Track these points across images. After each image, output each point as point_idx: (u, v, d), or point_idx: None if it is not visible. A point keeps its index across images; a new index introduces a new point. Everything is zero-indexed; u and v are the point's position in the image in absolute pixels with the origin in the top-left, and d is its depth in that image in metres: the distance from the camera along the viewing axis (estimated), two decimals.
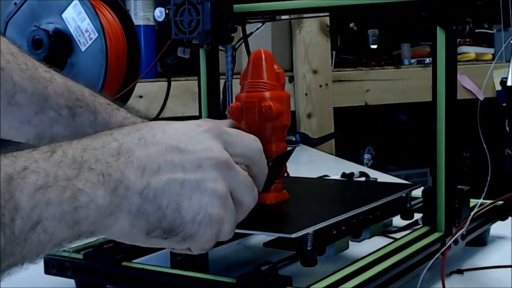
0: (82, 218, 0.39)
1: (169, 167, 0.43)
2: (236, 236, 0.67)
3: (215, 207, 0.44)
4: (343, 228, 0.57)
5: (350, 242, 0.60)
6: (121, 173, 0.41)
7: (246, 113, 0.58)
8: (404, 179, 1.45)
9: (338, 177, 0.82)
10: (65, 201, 0.38)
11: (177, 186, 0.43)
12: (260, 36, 1.03)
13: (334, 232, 0.56)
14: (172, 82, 1.63)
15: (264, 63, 0.58)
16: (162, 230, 0.43)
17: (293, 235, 0.50)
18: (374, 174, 0.99)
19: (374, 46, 1.96)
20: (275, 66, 0.59)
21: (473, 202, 0.67)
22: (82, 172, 0.40)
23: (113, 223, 0.41)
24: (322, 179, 0.81)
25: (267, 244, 0.56)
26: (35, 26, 1.16)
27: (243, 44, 0.82)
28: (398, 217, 0.69)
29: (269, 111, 0.57)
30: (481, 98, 0.83)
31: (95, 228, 0.41)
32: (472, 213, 0.64)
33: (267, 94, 0.57)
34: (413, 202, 0.70)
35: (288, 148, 0.58)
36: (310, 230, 0.52)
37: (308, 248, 0.52)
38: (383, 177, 1.12)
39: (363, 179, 0.82)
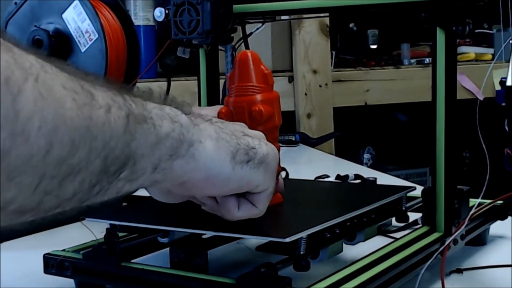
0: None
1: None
2: (231, 239, 0.67)
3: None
4: (337, 231, 0.56)
5: (345, 245, 0.60)
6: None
7: (236, 118, 0.56)
8: (404, 179, 1.45)
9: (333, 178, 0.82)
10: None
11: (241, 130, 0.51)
12: (260, 36, 1.03)
13: (328, 235, 0.55)
14: (172, 82, 1.63)
15: (251, 65, 0.57)
16: (243, 150, 0.48)
17: (287, 240, 0.49)
18: (374, 174, 0.99)
19: (374, 46, 1.96)
20: (262, 67, 0.57)
21: (472, 202, 0.67)
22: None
23: (199, 146, 0.45)
24: (316, 182, 0.81)
25: (259, 248, 0.55)
26: (35, 26, 1.15)
27: (243, 44, 0.82)
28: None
29: (259, 116, 0.56)
30: (481, 98, 0.83)
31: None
32: (470, 213, 0.64)
33: (256, 97, 0.56)
34: (412, 202, 0.70)
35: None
36: (304, 234, 0.51)
37: (301, 253, 0.52)
38: (382, 177, 1.12)
39: (358, 181, 0.81)
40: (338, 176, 0.82)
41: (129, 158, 0.39)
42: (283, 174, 0.74)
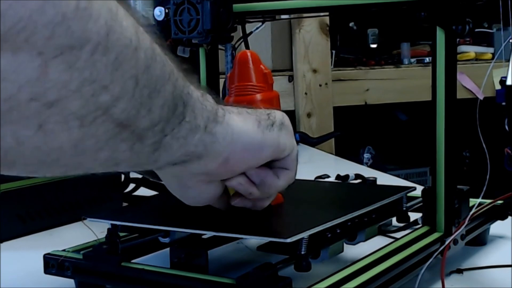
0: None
1: None
2: (231, 239, 0.67)
3: None
4: (338, 231, 0.56)
5: (345, 244, 0.60)
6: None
7: None
8: (404, 178, 1.45)
9: (333, 178, 0.82)
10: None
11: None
12: (260, 36, 1.03)
13: (329, 235, 0.55)
14: None
15: (250, 64, 0.57)
16: (265, 116, 0.49)
17: (288, 240, 0.49)
18: (374, 173, 0.98)
19: (374, 46, 1.96)
20: (262, 67, 0.58)
21: (472, 201, 0.67)
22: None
23: (230, 116, 0.47)
24: (317, 182, 0.81)
25: (260, 247, 0.55)
26: None
27: (243, 43, 0.82)
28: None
29: None
30: (481, 97, 0.83)
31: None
32: (470, 213, 0.64)
33: (256, 97, 0.56)
34: (412, 202, 0.70)
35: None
36: (305, 234, 0.51)
37: (302, 253, 0.52)
38: (382, 177, 1.12)
39: (358, 181, 0.81)
40: (338, 176, 0.82)
41: (188, 101, 0.41)
42: None
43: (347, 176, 0.79)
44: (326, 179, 0.82)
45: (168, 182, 0.51)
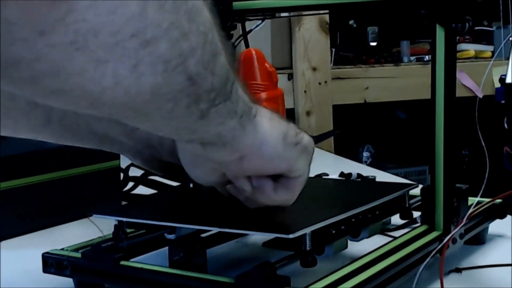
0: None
1: None
2: (234, 236, 0.67)
3: None
4: (342, 227, 0.57)
5: (349, 241, 0.60)
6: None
7: None
8: (403, 177, 1.45)
9: (336, 176, 0.82)
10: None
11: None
12: (260, 33, 1.03)
13: (333, 232, 0.56)
14: None
15: (255, 63, 0.57)
16: (293, 133, 0.50)
17: (291, 236, 0.50)
18: (373, 172, 0.98)
19: (374, 44, 1.96)
20: (267, 65, 0.58)
21: (471, 200, 0.67)
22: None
23: (260, 118, 0.48)
24: (320, 179, 0.81)
25: (266, 243, 0.56)
26: None
27: (242, 41, 0.82)
28: (397, 215, 0.69)
29: None
30: (480, 95, 0.83)
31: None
32: (468, 212, 0.64)
33: (261, 95, 0.57)
34: (411, 201, 0.70)
35: None
36: (308, 230, 0.52)
37: (307, 249, 0.52)
38: (381, 175, 1.12)
39: (358, 180, 0.81)
40: (341, 174, 0.82)
41: (234, 81, 0.42)
42: None
43: (350, 174, 0.79)
44: (325, 177, 0.83)
45: (182, 155, 0.53)
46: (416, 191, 0.68)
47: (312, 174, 0.91)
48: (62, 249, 0.62)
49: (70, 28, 0.29)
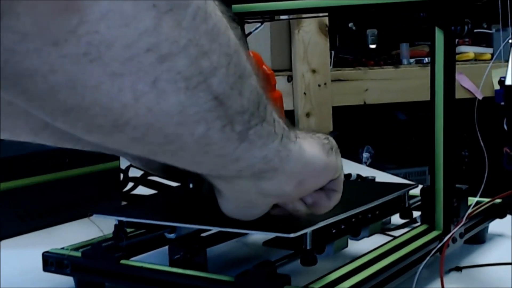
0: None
1: None
2: (234, 235, 0.67)
3: None
4: (343, 227, 0.57)
5: (349, 240, 0.60)
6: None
7: None
8: (403, 177, 1.45)
9: None
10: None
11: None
12: (259, 36, 1.03)
13: (334, 231, 0.56)
14: None
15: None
16: (325, 140, 0.50)
17: (291, 235, 0.50)
18: (373, 173, 0.99)
19: (373, 46, 1.96)
20: (265, 67, 0.58)
21: (471, 200, 0.67)
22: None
23: (298, 140, 0.47)
24: None
25: (266, 243, 0.56)
26: None
27: None
28: (397, 215, 0.69)
29: None
30: (480, 97, 0.83)
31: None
32: (468, 211, 0.64)
33: None
34: (411, 201, 0.71)
35: None
36: (309, 230, 0.52)
37: (308, 248, 0.52)
38: (381, 176, 1.12)
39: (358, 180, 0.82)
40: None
41: (267, 104, 0.41)
42: None
43: (349, 175, 0.79)
44: None
45: (229, 196, 0.49)
46: (416, 191, 0.68)
47: None
48: (63, 248, 0.62)
49: (83, 39, 0.29)
